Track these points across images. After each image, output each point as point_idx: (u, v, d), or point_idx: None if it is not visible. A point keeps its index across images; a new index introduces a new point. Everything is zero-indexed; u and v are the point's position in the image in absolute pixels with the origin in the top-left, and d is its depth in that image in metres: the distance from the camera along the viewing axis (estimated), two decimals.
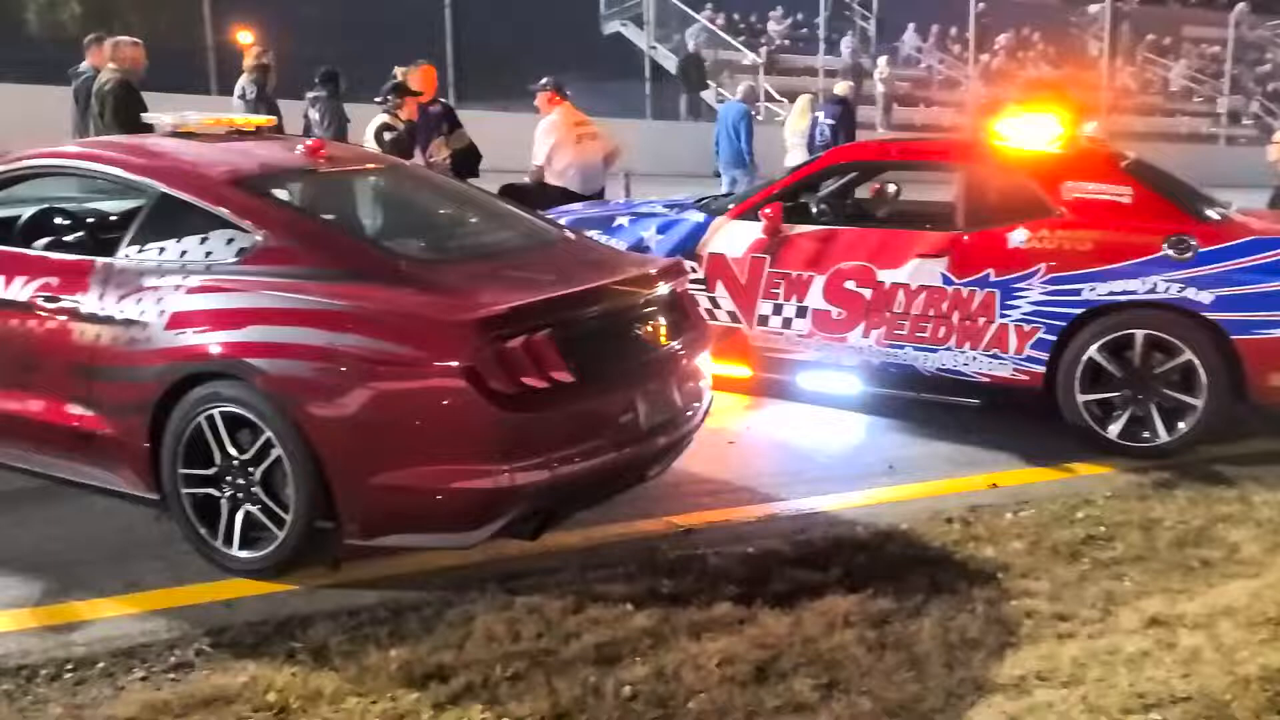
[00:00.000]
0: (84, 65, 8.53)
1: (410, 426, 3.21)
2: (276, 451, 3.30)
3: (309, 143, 4.18)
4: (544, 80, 7.72)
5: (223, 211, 3.59)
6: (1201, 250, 4.70)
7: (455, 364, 3.14)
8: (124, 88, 7.04)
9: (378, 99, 7.55)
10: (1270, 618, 3.26)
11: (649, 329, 3.77)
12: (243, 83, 8.84)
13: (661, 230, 5.65)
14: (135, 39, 7.51)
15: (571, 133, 7.49)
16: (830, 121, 11.36)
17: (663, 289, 3.85)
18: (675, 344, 3.86)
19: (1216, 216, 5.10)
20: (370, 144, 7.13)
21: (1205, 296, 4.64)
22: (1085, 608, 3.35)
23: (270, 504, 3.37)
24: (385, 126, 7.27)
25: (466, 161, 7.93)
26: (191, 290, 3.46)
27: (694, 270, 5.41)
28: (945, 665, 3.01)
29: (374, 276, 3.38)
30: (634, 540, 3.83)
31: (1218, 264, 4.66)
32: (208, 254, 3.65)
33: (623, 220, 5.80)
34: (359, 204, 4.33)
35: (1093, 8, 24.25)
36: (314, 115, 8.26)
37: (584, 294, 3.55)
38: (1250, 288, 4.60)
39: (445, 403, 3.17)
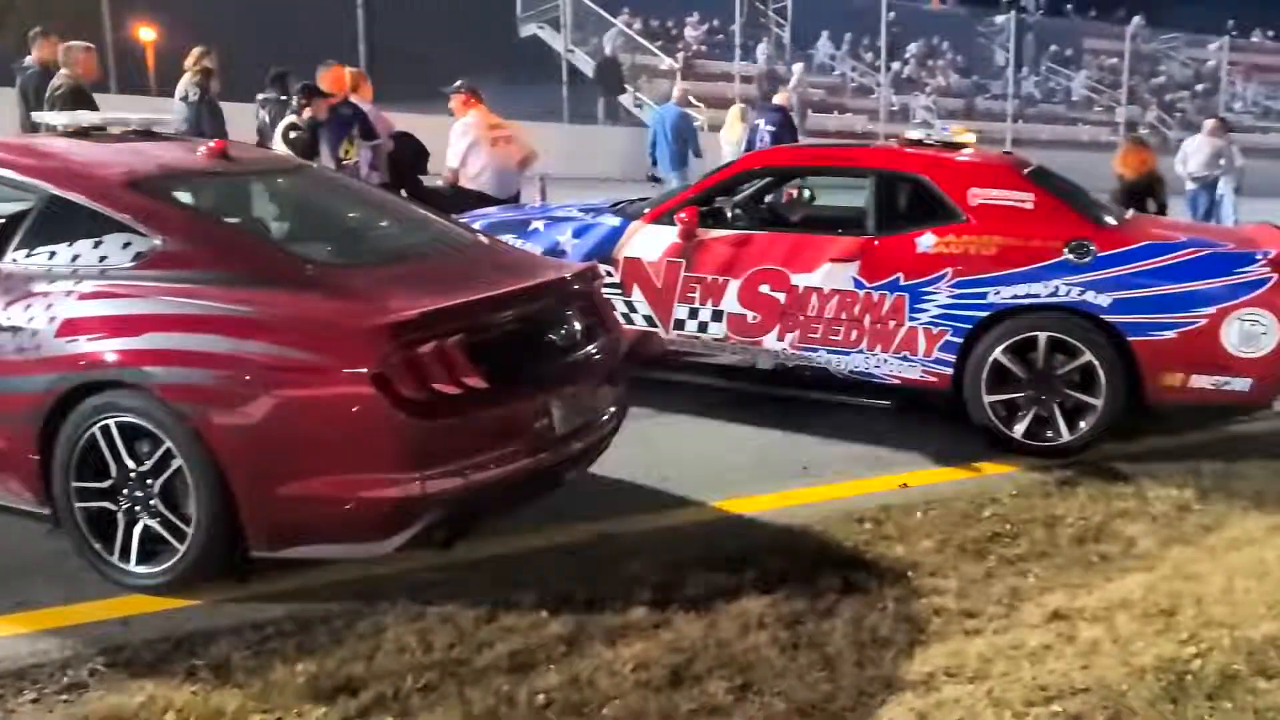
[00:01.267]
0: (29, 60, 8.25)
1: (318, 435, 3.14)
2: (177, 462, 3.19)
3: (211, 144, 4.06)
4: (458, 82, 7.64)
5: (117, 214, 3.46)
6: (1099, 255, 4.86)
7: (364, 370, 3.08)
8: (75, 93, 7.02)
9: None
10: (1164, 609, 3.38)
11: (563, 333, 3.75)
12: (184, 85, 8.68)
13: (577, 234, 5.63)
14: (88, 43, 7.50)
15: (486, 135, 7.43)
16: (772, 128, 11.51)
17: (577, 293, 3.83)
18: (590, 348, 3.84)
19: (1114, 222, 5.29)
20: (279, 146, 6.98)
21: (1103, 299, 4.80)
22: (991, 604, 3.43)
23: (170, 517, 3.26)
24: (291, 126, 7.12)
25: (415, 161, 7.83)
26: (84, 296, 3.33)
27: (610, 274, 5.41)
28: (856, 664, 3.04)
29: (279, 281, 3.29)
30: (549, 547, 3.80)
31: (1114, 268, 4.83)
32: (102, 258, 3.50)
33: (538, 224, 5.77)
34: (264, 207, 4.21)
35: (998, 18, 25.02)
36: (265, 116, 8.14)
37: (497, 299, 3.51)
38: (1144, 291, 4.77)
39: (354, 410, 3.10)
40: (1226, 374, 4.75)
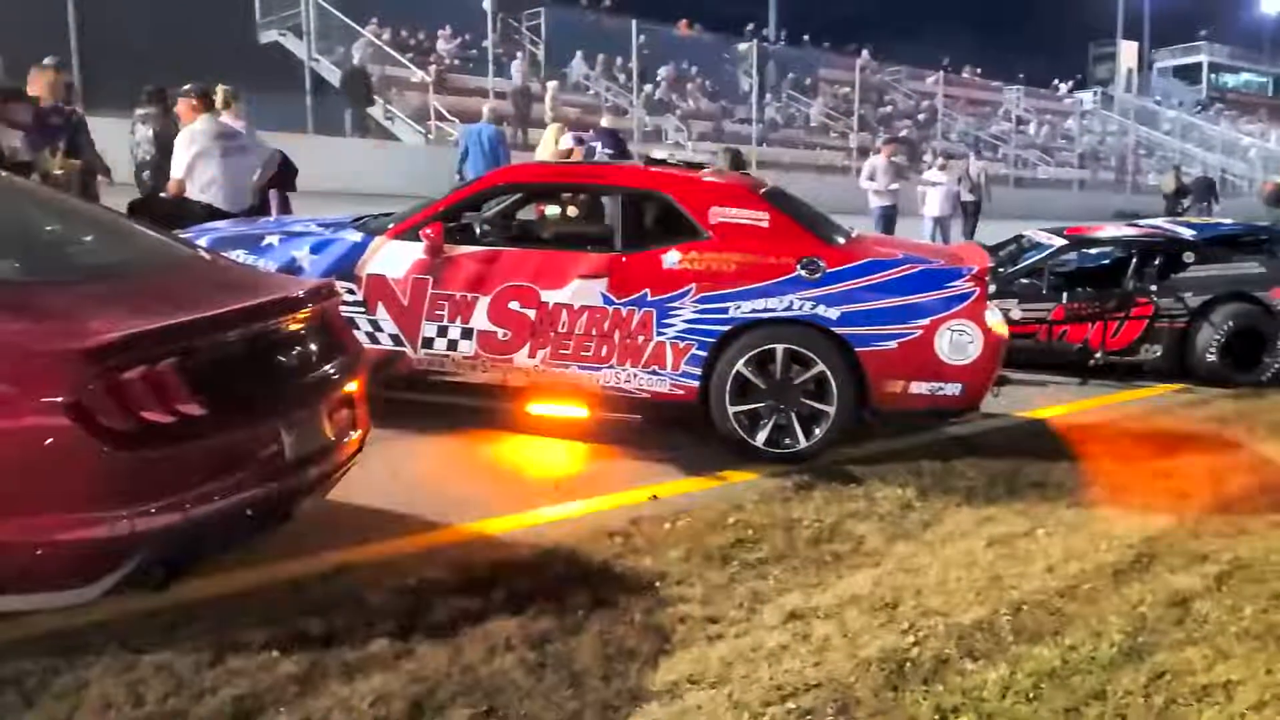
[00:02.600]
0: None
1: (2, 473, 2.79)
2: None
3: None
4: (186, 86, 7.14)
5: None
6: (828, 271, 5.15)
7: (59, 400, 2.77)
8: None
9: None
10: (888, 602, 3.60)
11: (294, 354, 3.53)
12: None
13: (316, 250, 5.38)
14: None
15: (216, 144, 6.97)
16: (610, 151, 11.55)
17: (310, 311, 3.63)
18: (326, 369, 3.65)
19: (841, 240, 5.63)
20: None
21: (833, 313, 5.09)
22: (733, 608, 3.52)
23: None
24: None
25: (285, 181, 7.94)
26: None
27: (352, 292, 5.20)
28: (603, 679, 3.04)
29: None
30: (282, 582, 3.57)
31: (841, 283, 5.13)
32: None
33: (272, 240, 5.46)
34: None
35: (742, 46, 26.37)
36: (147, 133, 7.92)
37: (216, 319, 3.25)
38: (868, 304, 5.10)
39: (47, 444, 2.78)
40: (941, 380, 5.15)
